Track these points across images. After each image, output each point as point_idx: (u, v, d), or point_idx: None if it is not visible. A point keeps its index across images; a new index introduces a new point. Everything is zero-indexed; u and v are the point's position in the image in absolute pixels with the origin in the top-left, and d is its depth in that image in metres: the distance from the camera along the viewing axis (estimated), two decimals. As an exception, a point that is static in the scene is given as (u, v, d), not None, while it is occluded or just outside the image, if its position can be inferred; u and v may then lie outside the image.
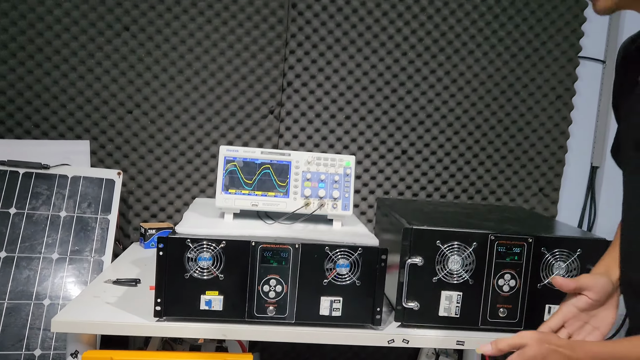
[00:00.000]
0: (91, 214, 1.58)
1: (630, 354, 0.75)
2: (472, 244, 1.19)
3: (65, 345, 1.36)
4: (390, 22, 1.77)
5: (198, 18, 1.71)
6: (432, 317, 1.21)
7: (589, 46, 1.90)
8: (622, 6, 0.82)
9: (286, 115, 1.79)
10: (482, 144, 1.86)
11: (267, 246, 1.14)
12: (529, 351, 0.76)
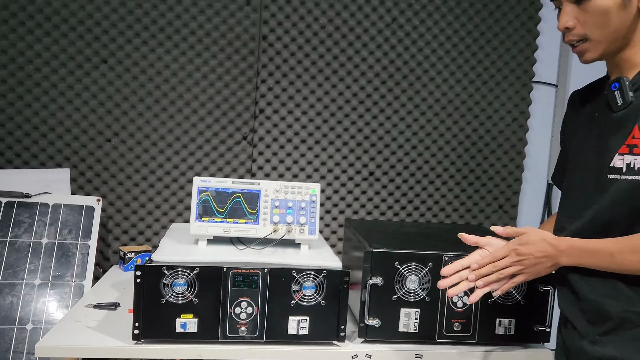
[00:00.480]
0: (72, 240, 1.65)
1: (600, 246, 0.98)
2: (428, 264, 1.30)
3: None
4: (355, 52, 1.89)
5: (173, 50, 1.80)
6: (393, 332, 1.31)
7: (542, 72, 2.04)
8: (604, 58, 1.03)
9: (259, 141, 1.89)
10: (445, 164, 1.97)
11: (238, 271, 1.23)
12: (526, 236, 1.04)
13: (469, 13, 1.92)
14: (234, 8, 1.81)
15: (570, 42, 1.03)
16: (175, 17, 1.79)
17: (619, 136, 1.00)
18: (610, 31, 0.98)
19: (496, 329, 1.33)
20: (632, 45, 1.00)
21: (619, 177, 0.99)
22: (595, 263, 1.00)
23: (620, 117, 1.00)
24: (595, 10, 0.97)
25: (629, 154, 0.97)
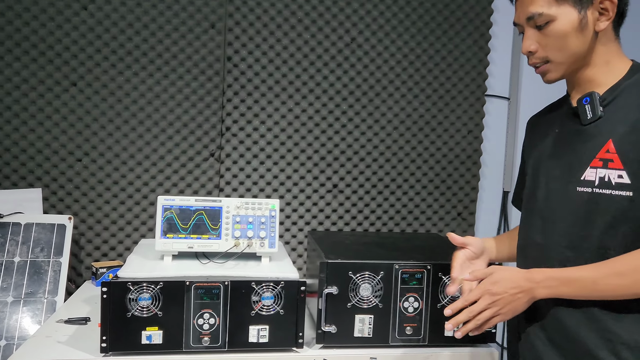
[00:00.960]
0: (44, 257, 1.71)
1: (581, 274, 0.98)
2: (380, 273, 1.39)
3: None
4: (317, 71, 1.98)
5: (141, 73, 1.87)
6: (348, 338, 1.39)
7: (495, 85, 2.16)
8: (565, 77, 1.10)
9: (226, 158, 1.97)
10: (405, 175, 2.07)
11: (200, 285, 1.30)
12: (496, 275, 1.04)
13: (424, 32, 2.03)
14: (199, 31, 1.89)
15: (534, 64, 1.09)
16: (142, 40, 1.86)
17: (589, 149, 1.03)
18: (570, 53, 1.04)
19: (445, 331, 1.42)
20: (592, 65, 1.06)
21: (590, 190, 1.01)
22: (576, 292, 0.99)
23: (590, 130, 1.04)
24: (555, 34, 1.03)
25: (603, 167, 1.00)
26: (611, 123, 1.01)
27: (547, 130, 1.16)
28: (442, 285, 1.42)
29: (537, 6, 1.03)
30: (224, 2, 1.90)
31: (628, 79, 1.04)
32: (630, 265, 0.95)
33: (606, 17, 1.03)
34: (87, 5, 1.82)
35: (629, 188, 0.97)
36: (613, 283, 0.95)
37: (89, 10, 1.83)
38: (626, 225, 0.98)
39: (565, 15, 1.02)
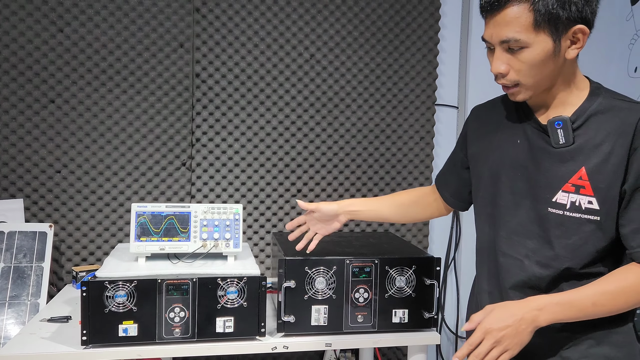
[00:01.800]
0: (27, 263, 1.84)
1: (579, 296, 1.02)
2: (333, 267, 1.56)
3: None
4: (279, 85, 2.15)
5: (115, 89, 2.02)
6: (306, 326, 1.56)
7: (444, 95, 2.35)
8: (531, 97, 1.10)
9: (196, 167, 2.12)
10: (363, 180, 2.25)
11: (171, 282, 1.46)
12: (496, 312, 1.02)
13: (377, 48, 2.21)
14: (169, 50, 2.05)
15: (503, 84, 1.08)
16: (116, 60, 2.01)
17: (562, 173, 1.06)
18: (541, 78, 1.05)
19: (393, 318, 1.60)
20: (556, 86, 1.09)
21: (561, 213, 1.06)
22: (576, 315, 1.02)
23: (562, 154, 1.07)
24: (528, 60, 1.02)
25: (575, 193, 1.05)
26: (584, 152, 1.05)
27: (505, 134, 1.17)
28: (388, 278, 1.59)
29: (514, 32, 1.01)
30: (192, 23, 2.06)
31: (591, 101, 1.08)
32: (621, 286, 1.02)
33: (577, 46, 1.04)
34: (63, 28, 1.97)
35: (597, 213, 1.04)
36: (608, 304, 1.00)
37: (65, 33, 1.97)
38: (592, 247, 1.05)
39: (540, 43, 1.01)
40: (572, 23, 1.01)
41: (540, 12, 0.99)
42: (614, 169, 1.03)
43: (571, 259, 1.07)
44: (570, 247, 1.06)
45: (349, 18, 2.17)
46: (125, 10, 2.00)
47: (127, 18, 2.00)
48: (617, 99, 1.08)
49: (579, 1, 1.00)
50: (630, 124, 1.03)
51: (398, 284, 1.59)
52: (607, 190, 1.04)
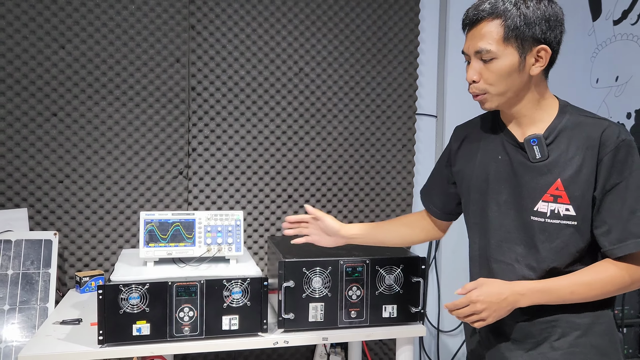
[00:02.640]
0: (34, 269, 1.93)
1: (559, 285, 1.15)
2: (328, 268, 1.70)
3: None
4: (271, 97, 2.28)
5: (115, 103, 2.12)
6: (304, 322, 1.69)
7: (424, 105, 2.52)
8: (500, 108, 1.23)
9: (193, 175, 2.24)
10: (350, 185, 2.40)
11: (180, 284, 1.58)
12: (485, 287, 1.17)
13: (362, 62, 2.36)
14: (166, 65, 2.16)
15: (473, 93, 1.21)
16: (115, 74, 2.12)
17: (541, 185, 1.18)
18: (506, 89, 1.17)
19: (383, 313, 1.75)
20: (525, 102, 1.20)
21: (543, 220, 1.18)
22: (555, 301, 1.16)
23: (539, 168, 1.18)
24: (496, 70, 1.16)
25: (553, 202, 1.16)
26: (558, 165, 1.17)
27: (486, 151, 1.29)
28: (378, 277, 1.74)
29: (486, 43, 1.15)
30: (187, 39, 2.18)
31: (561, 118, 1.19)
32: (597, 278, 1.15)
33: (540, 64, 1.17)
34: (64, 44, 2.06)
35: (574, 219, 1.16)
36: (585, 292, 1.14)
37: (67, 49, 2.07)
38: (573, 248, 1.17)
39: (508, 56, 1.15)
40: (537, 42, 1.16)
41: (509, 28, 1.14)
42: (586, 179, 1.15)
43: (555, 260, 1.18)
44: (553, 250, 1.18)
45: (335, 34, 2.32)
46: (124, 27, 2.11)
47: (126, 35, 2.11)
48: (582, 115, 1.20)
49: (543, 25, 1.15)
50: (596, 137, 1.15)
51: (387, 282, 1.75)
52: (581, 197, 1.16)
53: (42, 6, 2.03)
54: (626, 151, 1.14)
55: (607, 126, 1.16)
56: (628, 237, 1.13)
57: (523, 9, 1.14)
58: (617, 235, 1.14)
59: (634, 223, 1.13)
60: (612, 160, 1.14)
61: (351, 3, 2.34)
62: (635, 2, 2.40)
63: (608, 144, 1.14)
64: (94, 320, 1.69)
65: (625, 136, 1.15)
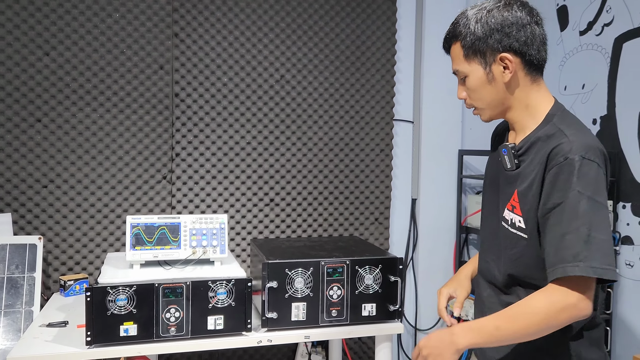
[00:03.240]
0: (19, 273, 1.96)
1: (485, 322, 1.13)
2: (310, 268, 1.77)
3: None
4: (252, 103, 2.34)
5: (99, 109, 2.16)
6: (287, 321, 1.76)
7: (401, 111, 2.61)
8: (496, 118, 1.26)
9: (177, 179, 2.28)
10: (330, 189, 2.47)
11: (167, 285, 1.63)
12: (428, 336, 1.18)
13: (341, 69, 2.44)
14: (150, 72, 2.21)
15: (470, 107, 1.27)
16: (100, 81, 2.15)
17: (508, 193, 1.22)
18: (487, 101, 1.22)
19: (362, 312, 1.82)
20: (513, 108, 1.23)
21: (507, 227, 1.22)
22: (486, 340, 1.12)
23: (509, 176, 1.23)
24: (471, 87, 1.23)
25: (512, 211, 1.19)
26: (520, 177, 1.19)
27: (495, 155, 1.33)
28: (358, 276, 1.81)
29: (455, 64, 1.24)
30: (171, 47, 2.23)
31: (540, 129, 1.19)
32: (519, 309, 1.11)
33: (509, 71, 1.18)
34: (49, 51, 2.09)
35: (525, 232, 1.18)
36: (509, 326, 1.09)
37: (51, 56, 2.10)
38: (527, 259, 1.19)
39: (474, 72, 1.21)
40: (497, 52, 1.18)
41: (466, 47, 1.21)
42: (534, 194, 1.15)
43: (512, 268, 1.21)
44: (511, 258, 1.21)
45: (315, 42, 2.40)
46: (108, 35, 2.15)
47: (110, 42, 2.15)
48: (559, 126, 1.16)
49: (497, 35, 1.17)
50: (547, 153, 1.13)
51: (366, 282, 1.82)
52: (529, 212, 1.16)
53: (26, 14, 2.05)
54: (569, 170, 1.09)
55: (560, 143, 1.12)
56: (558, 262, 1.08)
57: (472, 26, 1.19)
58: (550, 259, 1.10)
59: (563, 247, 1.08)
60: (553, 178, 1.11)
61: (330, 13, 2.42)
62: (600, 14, 2.54)
63: (554, 161, 1.11)
64: (80, 323, 1.73)
65: (574, 155, 1.09)
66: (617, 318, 2.43)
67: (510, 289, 1.25)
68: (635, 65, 2.36)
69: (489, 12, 1.19)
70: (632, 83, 2.37)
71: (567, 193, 1.08)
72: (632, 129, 2.36)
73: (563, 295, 1.07)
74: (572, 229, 1.07)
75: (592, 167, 1.09)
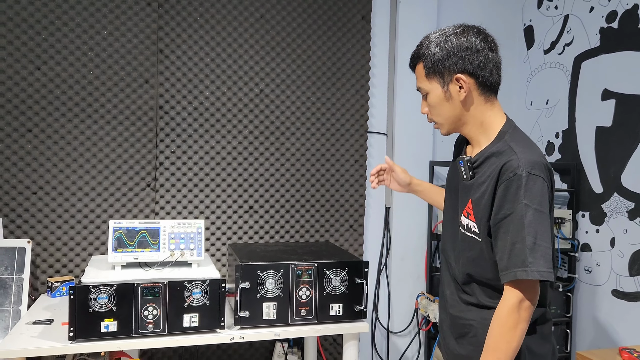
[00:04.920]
0: (8, 275, 2.07)
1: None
2: (280, 270, 1.90)
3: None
4: (233, 115, 2.48)
5: (87, 120, 2.29)
6: (258, 320, 1.88)
7: (375, 124, 2.75)
8: (453, 132, 1.40)
9: (160, 187, 2.41)
10: (307, 197, 2.61)
11: (145, 285, 1.75)
12: None
13: (318, 84, 2.59)
14: (136, 86, 2.34)
15: (430, 121, 1.42)
16: (88, 94, 2.29)
17: (463, 201, 1.36)
18: (445, 117, 1.37)
19: (330, 311, 1.95)
20: (469, 124, 1.37)
21: (463, 231, 1.37)
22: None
23: (465, 186, 1.37)
24: (431, 103, 1.37)
25: (467, 217, 1.34)
26: (474, 187, 1.33)
27: (455, 164, 1.46)
28: (326, 278, 1.94)
29: (418, 82, 1.40)
30: (156, 62, 2.37)
31: (493, 145, 1.32)
32: (495, 333, 1.26)
33: (464, 90, 1.32)
34: (40, 66, 2.23)
35: (479, 236, 1.32)
36: (504, 350, 1.23)
37: (42, 70, 2.23)
38: (481, 261, 1.33)
39: (434, 90, 1.36)
40: (453, 73, 1.32)
41: (427, 67, 1.36)
42: (485, 204, 1.29)
43: (469, 268, 1.36)
44: (469, 259, 1.36)
45: (293, 59, 2.54)
46: (96, 50, 2.28)
47: (98, 58, 2.29)
48: (509, 143, 1.30)
49: (453, 57, 1.32)
50: (498, 168, 1.27)
51: (334, 283, 1.95)
52: (481, 219, 1.31)
53: (19, 30, 2.19)
54: (517, 185, 1.23)
55: (510, 159, 1.26)
56: (510, 267, 1.23)
57: (433, 49, 1.35)
58: (502, 264, 1.25)
59: (513, 255, 1.22)
60: (504, 191, 1.25)
61: (308, 31, 2.57)
62: (561, 34, 2.70)
63: (504, 176, 1.25)
64: (65, 320, 1.85)
65: (522, 171, 1.23)
66: (577, 319, 2.57)
67: (468, 287, 1.39)
68: (591, 83, 2.52)
69: (447, 37, 1.34)
70: (589, 99, 2.53)
71: (516, 205, 1.23)
72: (590, 142, 2.52)
73: (515, 295, 1.24)
74: (519, 238, 1.22)
75: (538, 181, 1.24)
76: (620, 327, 2.34)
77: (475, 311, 1.36)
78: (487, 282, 1.34)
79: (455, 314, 1.42)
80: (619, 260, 2.34)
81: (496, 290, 1.33)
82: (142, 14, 2.34)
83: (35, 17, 2.21)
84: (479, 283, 1.36)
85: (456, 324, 1.41)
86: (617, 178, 2.35)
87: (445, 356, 1.49)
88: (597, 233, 2.46)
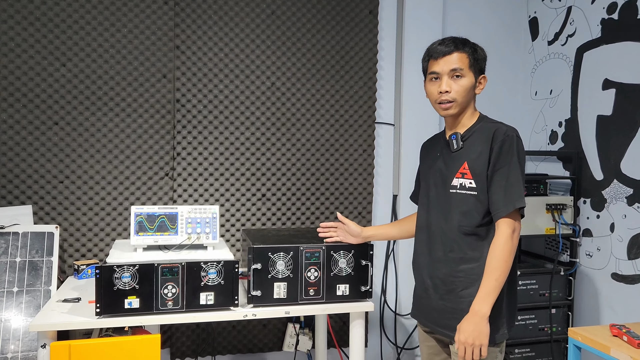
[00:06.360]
0: (39, 257, 2.24)
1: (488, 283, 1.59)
2: (290, 252, 2.02)
3: (30, 348, 2.01)
4: (246, 108, 2.61)
5: (109, 113, 2.44)
6: (270, 299, 2.01)
7: (383, 115, 2.85)
8: (456, 114, 1.70)
9: (177, 176, 2.55)
10: (317, 185, 2.73)
11: (165, 265, 1.89)
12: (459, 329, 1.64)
13: (327, 77, 2.70)
14: (154, 80, 2.48)
15: (442, 101, 1.67)
16: (110, 89, 2.43)
17: (455, 166, 1.70)
18: (466, 100, 1.68)
19: (337, 292, 2.07)
20: (465, 111, 1.72)
21: (455, 191, 1.69)
22: (496, 292, 1.58)
23: (455, 155, 1.71)
24: (463, 85, 1.66)
25: (462, 177, 1.68)
26: (467, 152, 1.69)
27: (433, 153, 1.83)
28: (333, 260, 2.06)
29: (461, 64, 1.66)
30: (173, 58, 2.50)
31: (477, 124, 1.71)
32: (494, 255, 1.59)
33: (481, 87, 1.73)
34: (65, 63, 2.38)
35: (475, 190, 1.66)
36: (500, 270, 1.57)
37: (67, 67, 2.38)
38: (475, 212, 1.66)
39: (470, 77, 1.68)
40: (481, 72, 1.72)
41: (473, 59, 1.69)
42: (483, 161, 1.65)
43: (463, 220, 1.68)
44: (462, 213, 1.68)
45: (303, 52, 2.66)
46: (117, 48, 2.43)
47: (119, 54, 2.43)
48: (490, 122, 1.72)
49: (483, 63, 1.72)
50: (491, 133, 1.66)
51: (340, 265, 2.07)
52: (480, 174, 1.65)
53: (46, 30, 2.34)
54: (509, 143, 1.63)
55: (499, 127, 1.66)
56: (508, 202, 1.61)
57: (479, 51, 1.72)
58: (499, 203, 1.62)
59: (508, 192, 1.61)
60: (499, 148, 1.63)
61: (317, 27, 2.67)
62: (564, 25, 2.77)
63: (497, 138, 1.64)
64: (91, 299, 2.00)
65: (511, 133, 1.64)
66: (578, 302, 2.66)
67: (456, 243, 1.69)
68: (593, 73, 2.58)
69: (480, 48, 1.74)
70: (591, 89, 2.59)
71: (509, 158, 1.62)
72: (591, 131, 2.59)
73: (509, 226, 1.61)
74: (510, 183, 1.62)
75: (520, 143, 1.66)
76: (619, 308, 2.42)
77: (463, 266, 1.68)
78: (473, 232, 1.67)
79: (446, 272, 1.70)
80: (619, 245, 2.41)
81: (480, 238, 1.67)
82: (160, 12, 2.47)
83: (60, 16, 2.36)
84: (466, 234, 1.67)
85: (446, 282, 1.71)
86: (617, 165, 2.43)
87: (424, 319, 1.81)
88: (597, 219, 2.54)
